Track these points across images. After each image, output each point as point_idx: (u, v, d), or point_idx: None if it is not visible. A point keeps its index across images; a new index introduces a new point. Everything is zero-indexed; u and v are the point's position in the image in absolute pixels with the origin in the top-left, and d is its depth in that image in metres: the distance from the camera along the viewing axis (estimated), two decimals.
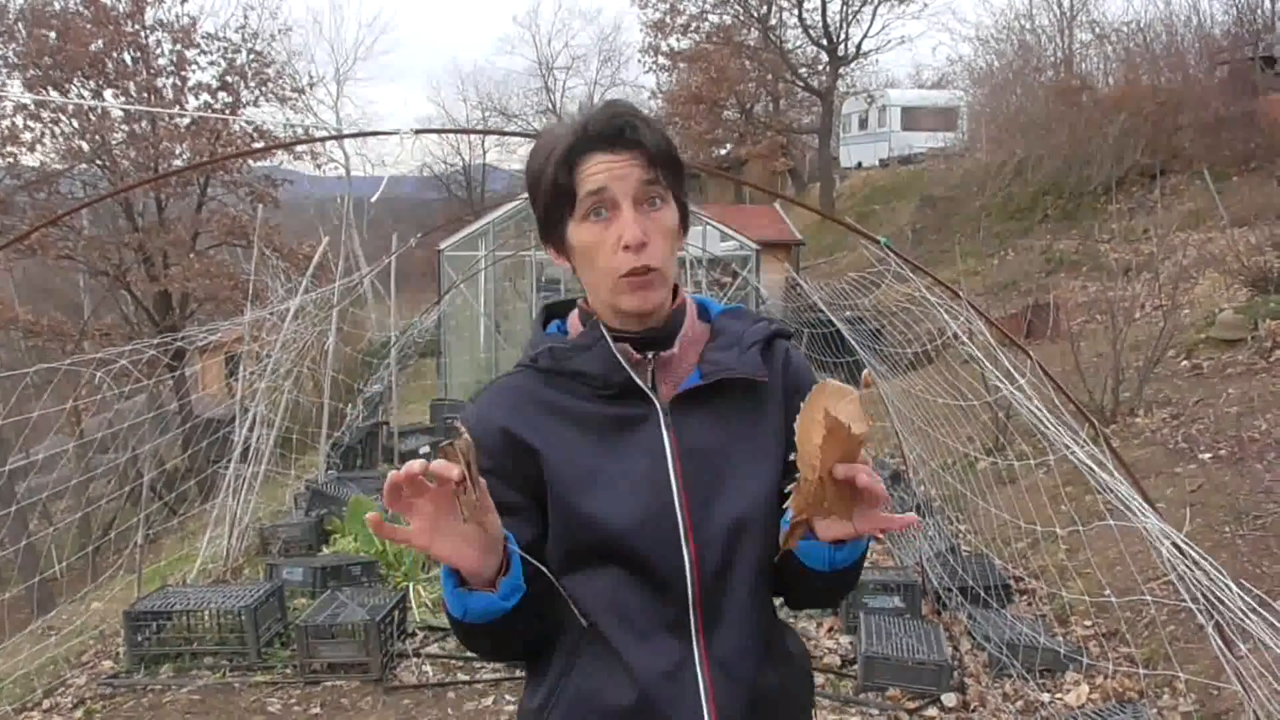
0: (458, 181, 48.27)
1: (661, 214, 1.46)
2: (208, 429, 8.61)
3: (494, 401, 1.55)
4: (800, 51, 33.57)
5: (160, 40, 20.05)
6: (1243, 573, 4.97)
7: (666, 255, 1.47)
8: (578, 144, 1.43)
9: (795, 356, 1.63)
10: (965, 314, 4.88)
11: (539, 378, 1.53)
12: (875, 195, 28.11)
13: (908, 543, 6.26)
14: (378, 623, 4.78)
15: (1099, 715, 3.91)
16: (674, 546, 1.47)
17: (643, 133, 1.43)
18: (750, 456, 1.54)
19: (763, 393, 1.56)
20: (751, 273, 16.19)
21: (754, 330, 1.59)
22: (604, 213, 1.44)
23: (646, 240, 1.43)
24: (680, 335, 1.56)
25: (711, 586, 1.49)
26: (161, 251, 19.14)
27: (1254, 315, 9.22)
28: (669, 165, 1.46)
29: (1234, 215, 13.74)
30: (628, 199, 1.43)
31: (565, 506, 1.48)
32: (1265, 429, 6.92)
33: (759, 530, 1.52)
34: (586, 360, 1.50)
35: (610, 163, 1.42)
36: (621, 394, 1.50)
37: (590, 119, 1.44)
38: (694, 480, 1.49)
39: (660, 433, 1.50)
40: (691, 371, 1.54)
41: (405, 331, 13.79)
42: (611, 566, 1.49)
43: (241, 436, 7.11)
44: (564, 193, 1.44)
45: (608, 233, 1.44)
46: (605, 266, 1.46)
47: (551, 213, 1.48)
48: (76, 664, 5.16)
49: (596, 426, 1.50)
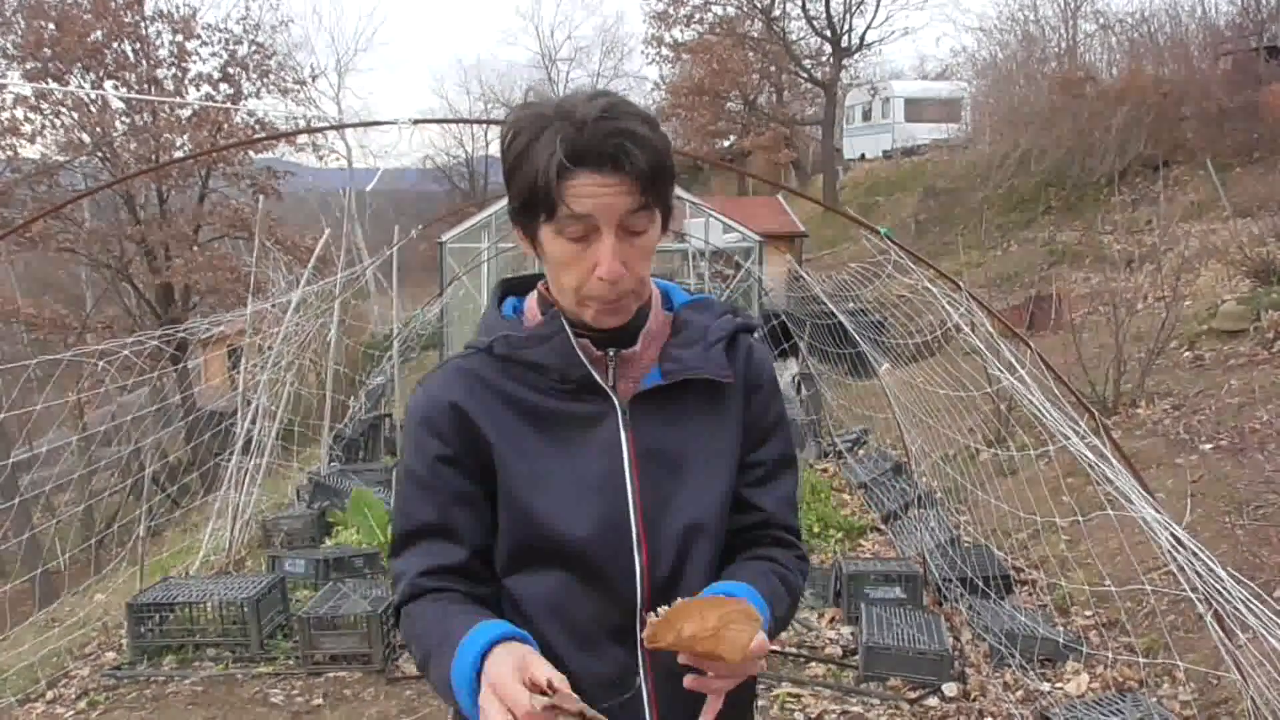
0: (460, 173, 48.25)
1: (644, 237, 1.38)
2: (210, 421, 8.62)
3: (448, 383, 1.48)
4: (804, 43, 33.54)
5: (160, 31, 20.06)
6: (1243, 562, 4.98)
7: (642, 274, 1.41)
8: (570, 157, 1.30)
9: (757, 351, 1.58)
10: (966, 305, 4.88)
11: (493, 363, 1.47)
12: (878, 187, 28.09)
13: (909, 534, 6.27)
14: (380, 614, 4.79)
15: (1099, 704, 3.92)
16: (625, 553, 1.44)
17: (636, 157, 1.31)
18: (708, 458, 1.50)
19: (724, 391, 1.52)
20: (754, 264, 16.16)
21: (718, 326, 1.52)
22: (583, 232, 1.35)
23: (625, 272, 1.36)
24: (644, 331, 1.49)
25: (661, 593, 1.44)
26: (163, 244, 19.15)
27: (1256, 306, 9.21)
28: (660, 183, 1.37)
29: (1237, 206, 13.74)
30: (611, 227, 1.34)
31: (515, 505, 1.44)
32: (1266, 420, 6.92)
33: (712, 534, 1.50)
34: (544, 353, 1.44)
35: (600, 186, 1.31)
36: (579, 390, 1.45)
37: (586, 130, 1.31)
38: (650, 484, 1.45)
39: (618, 433, 1.45)
40: (652, 368, 1.48)
41: (408, 324, 13.79)
42: (558, 570, 1.45)
43: (244, 429, 7.12)
44: (546, 200, 1.33)
45: (585, 255, 1.36)
46: (574, 285, 1.38)
47: (528, 209, 1.38)
48: (80, 655, 5.18)
49: (552, 423, 1.45)
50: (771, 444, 1.58)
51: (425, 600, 1.44)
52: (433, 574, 1.45)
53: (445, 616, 1.40)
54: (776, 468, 1.58)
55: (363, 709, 4.48)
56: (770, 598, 1.45)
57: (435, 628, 1.39)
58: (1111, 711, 3.82)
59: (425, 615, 1.43)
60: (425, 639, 1.40)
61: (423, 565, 1.46)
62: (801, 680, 4.54)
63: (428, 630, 1.41)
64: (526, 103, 1.40)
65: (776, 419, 1.59)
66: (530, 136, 1.34)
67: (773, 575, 1.52)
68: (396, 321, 12.76)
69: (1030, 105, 21.46)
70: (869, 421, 9.70)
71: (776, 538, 1.58)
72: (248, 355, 7.99)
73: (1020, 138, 20.85)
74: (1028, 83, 22.94)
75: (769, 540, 1.58)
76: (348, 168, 35.58)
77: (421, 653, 1.41)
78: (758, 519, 1.56)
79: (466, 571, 1.47)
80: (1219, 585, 3.04)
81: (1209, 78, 18.49)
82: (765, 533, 1.57)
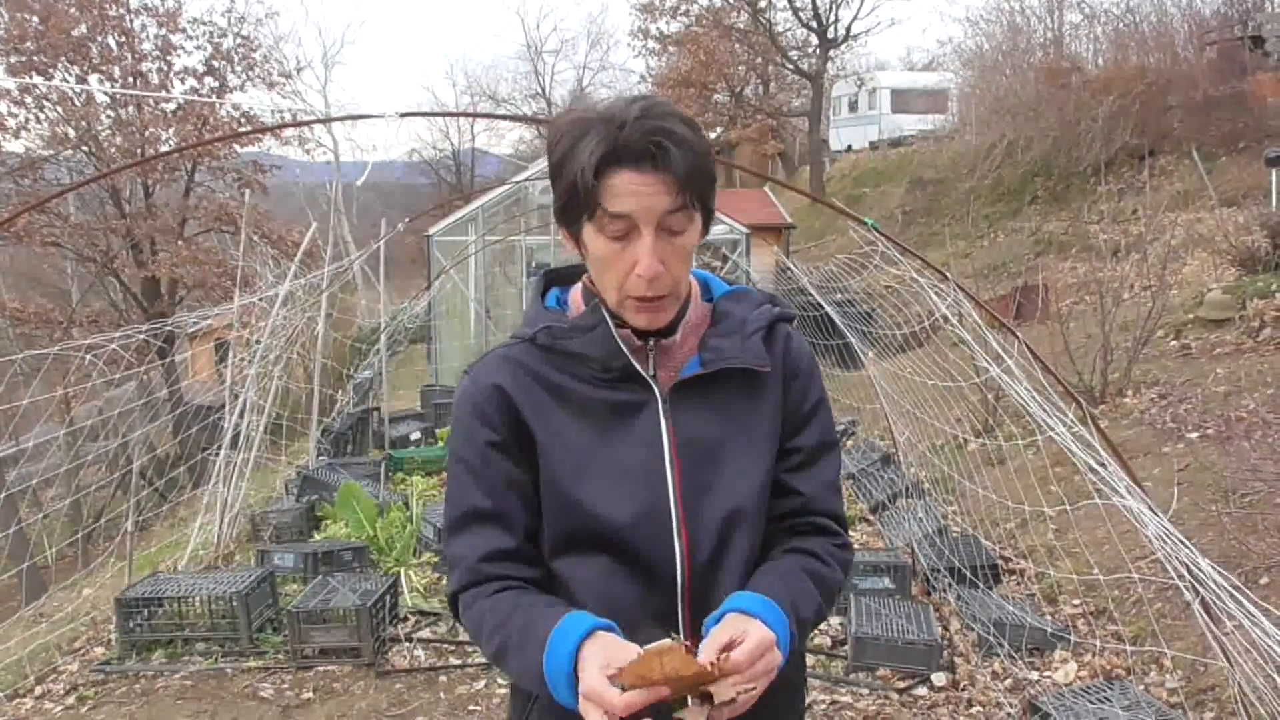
0: (447, 167, 48.10)
1: (684, 237, 1.41)
2: (198, 415, 8.59)
3: (496, 369, 1.52)
4: (790, 34, 33.45)
5: (145, 25, 19.90)
6: (1230, 550, 5.01)
7: (681, 275, 1.44)
8: (608, 155, 1.34)
9: (796, 340, 1.61)
10: (954, 296, 4.89)
11: (538, 353, 1.50)
12: (865, 178, 28.10)
13: (898, 525, 6.29)
14: (369, 608, 4.79)
15: (1087, 692, 3.94)
16: (666, 539, 1.47)
17: (674, 156, 1.34)
18: (747, 446, 1.52)
19: (763, 380, 1.54)
20: (742, 256, 16.15)
21: (757, 316, 1.56)
22: (623, 230, 1.38)
23: (663, 270, 1.39)
24: (684, 322, 1.52)
25: (701, 578, 1.48)
26: (149, 238, 19.05)
27: (1242, 295, 9.25)
28: (703, 184, 1.40)
29: (1222, 195, 13.79)
30: (650, 226, 1.37)
31: (558, 492, 1.47)
32: (1252, 408, 6.95)
33: (752, 521, 1.52)
34: (586, 343, 1.47)
35: (638, 185, 1.35)
36: (620, 379, 1.48)
37: (625, 129, 1.34)
38: (690, 472, 1.48)
39: (658, 421, 1.48)
40: (692, 357, 1.51)
41: (395, 317, 13.76)
42: (601, 555, 1.48)
43: (231, 423, 7.10)
44: (587, 199, 1.37)
45: (625, 254, 1.39)
46: (616, 283, 1.42)
47: (570, 209, 1.42)
48: (68, 651, 5.16)
49: (594, 412, 1.48)
50: (810, 429, 1.60)
51: (490, 588, 1.49)
52: (490, 559, 1.49)
53: (521, 607, 1.44)
54: (817, 453, 1.60)
55: (353, 702, 4.48)
56: (794, 601, 1.46)
57: (514, 618, 1.43)
58: (1099, 699, 3.84)
59: (498, 607, 1.46)
60: (501, 630, 1.44)
61: (480, 550, 1.49)
62: None
63: (502, 622, 1.44)
64: (571, 108, 1.46)
65: (816, 405, 1.61)
66: (573, 140, 1.37)
67: (803, 574, 1.53)
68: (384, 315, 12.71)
69: (1016, 96, 21.47)
70: (857, 413, 9.72)
71: (818, 525, 1.60)
72: (235, 349, 7.96)
73: (1006, 128, 20.87)
74: (1014, 73, 22.92)
75: (809, 528, 1.59)
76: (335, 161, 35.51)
77: (497, 642, 1.45)
78: (797, 504, 1.58)
79: (520, 555, 1.51)
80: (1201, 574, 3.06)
81: (1194, 67, 18.53)
82: (805, 519, 1.59)
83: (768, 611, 1.38)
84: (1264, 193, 13.21)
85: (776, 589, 1.45)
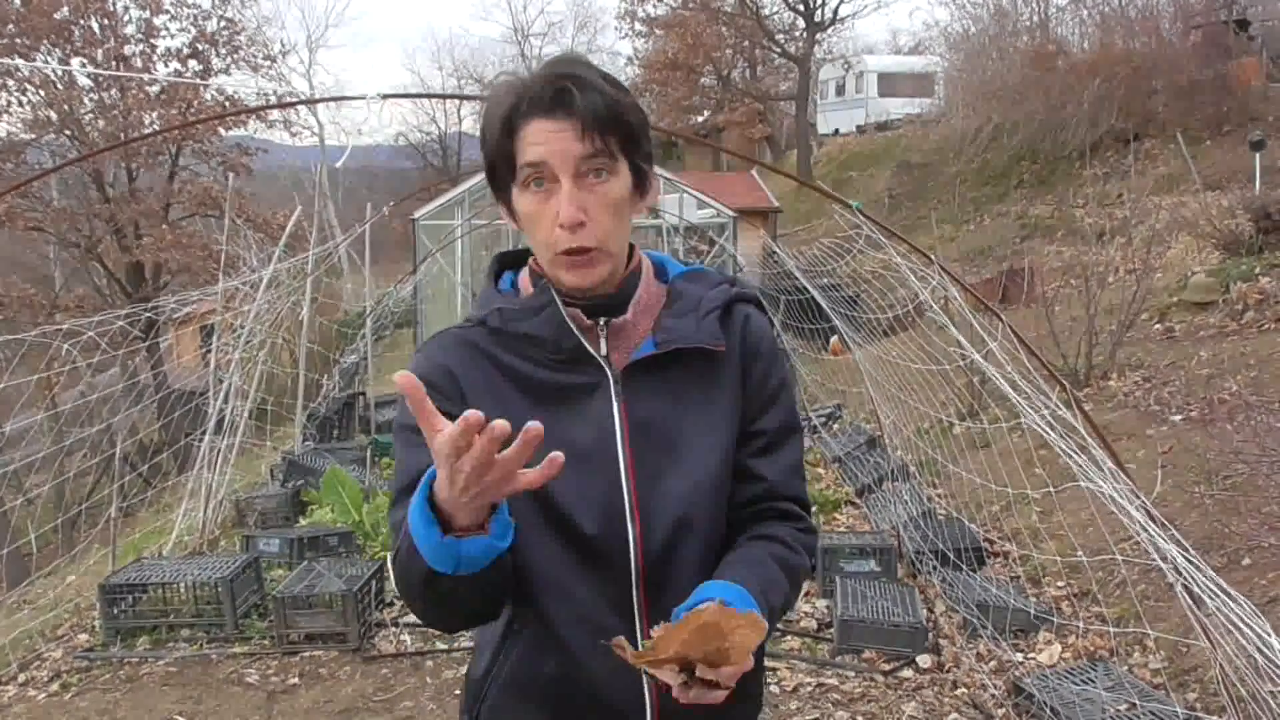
0: (433, 150, 47.94)
1: (606, 186, 1.38)
2: (182, 401, 8.56)
3: (446, 349, 1.49)
4: (777, 17, 33.43)
5: (128, 7, 19.74)
6: (1212, 532, 5.04)
7: (609, 229, 1.40)
8: (517, 106, 1.34)
9: (755, 322, 1.56)
10: (939, 279, 4.90)
11: (489, 336, 1.47)
12: (852, 161, 28.11)
13: (883, 508, 6.31)
14: (355, 593, 4.78)
15: (1071, 674, 3.97)
16: (619, 524, 1.43)
17: (579, 99, 1.33)
18: (703, 428, 1.49)
19: (719, 361, 1.50)
20: (728, 240, 16.14)
21: (712, 295, 1.52)
22: (544, 183, 1.36)
23: (585, 219, 1.36)
24: (634, 301, 1.49)
25: (656, 564, 1.44)
26: (133, 222, 18.93)
27: (1225, 278, 9.29)
28: (618, 129, 1.37)
29: (1207, 179, 13.84)
30: (567, 173, 1.34)
31: None
32: (1235, 390, 6.99)
33: (708, 506, 1.49)
34: (536, 324, 1.44)
35: (549, 131, 1.33)
36: (572, 360, 1.45)
37: (530, 79, 1.35)
38: (643, 455, 1.45)
39: (610, 403, 1.45)
40: (645, 338, 1.48)
41: (380, 302, 13.72)
42: (553, 541, 1.44)
43: (216, 408, 7.07)
44: (505, 157, 1.37)
45: (547, 206, 1.37)
46: (544, 240, 1.39)
47: (496, 174, 1.41)
48: (52, 637, 5.14)
49: (545, 394, 1.45)
50: (773, 413, 1.56)
51: None
52: None
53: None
54: (779, 436, 1.57)
55: (338, 687, 4.47)
56: (765, 590, 1.43)
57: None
58: (1083, 681, 3.87)
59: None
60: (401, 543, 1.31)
61: None
62: (777, 654, 4.57)
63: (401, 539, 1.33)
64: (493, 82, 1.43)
65: (778, 388, 1.57)
66: (489, 106, 1.38)
67: (770, 562, 1.49)
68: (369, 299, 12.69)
69: (1002, 79, 21.51)
70: (843, 396, 9.74)
71: (782, 510, 1.56)
72: (219, 333, 7.93)
73: (993, 112, 20.92)
74: (1000, 57, 22.96)
75: (774, 514, 1.56)
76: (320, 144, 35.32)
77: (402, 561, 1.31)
78: (761, 489, 1.55)
79: None
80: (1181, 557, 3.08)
81: (1179, 51, 18.58)
82: (769, 505, 1.56)
83: (741, 600, 1.35)
84: (1248, 176, 13.27)
85: (747, 577, 1.42)
